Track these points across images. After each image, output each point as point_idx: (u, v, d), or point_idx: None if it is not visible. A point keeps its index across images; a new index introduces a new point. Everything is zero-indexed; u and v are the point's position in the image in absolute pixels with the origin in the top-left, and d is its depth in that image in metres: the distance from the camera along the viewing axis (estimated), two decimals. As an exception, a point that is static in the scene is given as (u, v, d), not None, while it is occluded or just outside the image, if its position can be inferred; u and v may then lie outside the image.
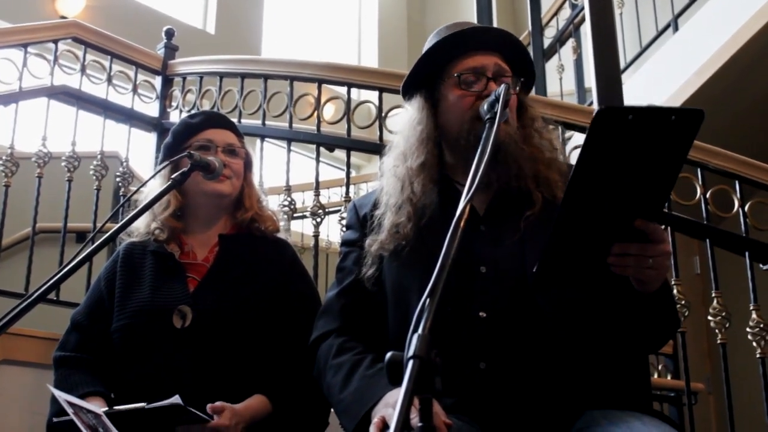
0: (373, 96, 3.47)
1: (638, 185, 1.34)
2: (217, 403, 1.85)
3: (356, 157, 6.10)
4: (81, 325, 2.16)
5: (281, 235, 2.32)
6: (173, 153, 2.20)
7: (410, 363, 1.00)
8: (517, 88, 1.84)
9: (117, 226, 1.89)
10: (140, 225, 2.20)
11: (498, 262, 1.70)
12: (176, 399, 1.73)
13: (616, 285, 1.52)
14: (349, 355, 1.72)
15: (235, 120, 3.59)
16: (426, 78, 1.87)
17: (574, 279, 1.53)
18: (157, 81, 4.04)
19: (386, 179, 1.86)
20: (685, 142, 1.28)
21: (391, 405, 1.50)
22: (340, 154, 3.66)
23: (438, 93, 1.84)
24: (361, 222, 1.91)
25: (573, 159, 3.02)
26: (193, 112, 2.29)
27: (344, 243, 1.95)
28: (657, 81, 5.24)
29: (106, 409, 1.82)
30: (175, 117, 3.97)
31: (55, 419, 1.95)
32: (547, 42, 6.03)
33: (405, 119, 1.89)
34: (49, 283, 1.68)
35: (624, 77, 5.13)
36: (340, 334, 1.80)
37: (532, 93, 2.03)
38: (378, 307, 1.79)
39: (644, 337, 1.67)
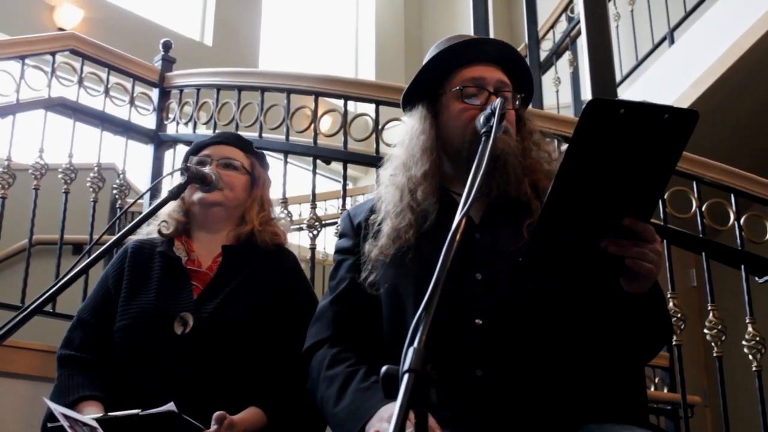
0: (369, 109, 3.48)
1: (628, 182, 1.34)
2: (220, 413, 1.85)
3: (353, 170, 6.10)
4: (87, 323, 2.16)
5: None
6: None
7: (405, 377, 1.00)
8: (517, 103, 1.85)
9: (113, 238, 1.89)
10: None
11: (493, 270, 1.70)
12: (171, 406, 1.72)
13: (605, 285, 1.53)
14: (342, 367, 1.72)
15: (231, 132, 3.61)
16: (427, 89, 1.88)
17: (561, 268, 1.53)
18: (155, 93, 4.05)
19: (385, 189, 1.86)
20: (678, 142, 1.28)
21: (385, 419, 1.50)
22: (336, 166, 3.66)
23: (439, 104, 1.85)
24: (355, 230, 1.91)
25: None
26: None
27: (338, 251, 1.95)
28: (653, 94, 5.25)
29: (101, 414, 1.81)
30: (171, 129, 3.98)
31: (49, 424, 1.94)
32: (543, 55, 6.05)
33: (406, 130, 1.90)
34: (45, 296, 1.68)
35: (620, 90, 5.16)
36: (333, 344, 1.79)
37: (529, 107, 2.04)
38: (372, 315, 1.78)
39: (637, 343, 1.66)
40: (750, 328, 2.93)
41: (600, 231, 1.42)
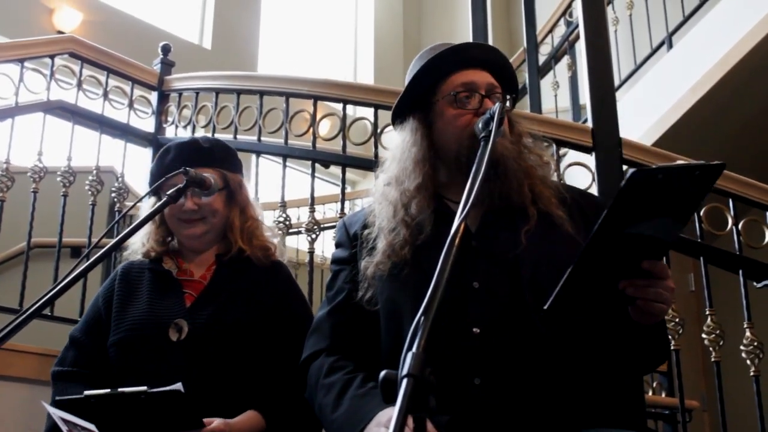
0: (368, 112, 3.48)
1: (654, 229, 1.38)
2: (209, 419, 1.87)
3: (351, 173, 6.10)
4: (79, 342, 2.19)
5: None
6: (154, 191, 2.21)
7: (404, 381, 1.00)
8: (508, 104, 1.86)
9: (112, 242, 1.89)
10: (137, 245, 2.26)
11: (490, 278, 1.69)
12: (178, 386, 1.73)
13: (614, 315, 1.54)
14: (340, 375, 1.72)
15: (230, 136, 3.62)
16: (417, 101, 1.87)
17: (581, 309, 1.55)
18: (153, 96, 4.05)
19: (377, 204, 1.86)
20: (703, 190, 1.33)
21: (383, 424, 1.50)
22: (335, 170, 3.67)
23: (432, 114, 1.84)
24: (351, 240, 1.91)
25: (568, 176, 3.03)
26: (168, 144, 2.29)
27: (334, 261, 1.94)
28: (651, 98, 5.26)
29: (108, 391, 1.79)
30: (170, 132, 3.98)
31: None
32: (542, 59, 6.04)
33: (396, 143, 1.89)
34: (44, 299, 1.68)
35: (618, 94, 5.14)
36: (331, 353, 1.79)
37: (527, 110, 2.04)
38: (369, 325, 1.78)
39: (633, 362, 1.70)
40: (748, 333, 2.93)
41: (619, 273, 1.46)
